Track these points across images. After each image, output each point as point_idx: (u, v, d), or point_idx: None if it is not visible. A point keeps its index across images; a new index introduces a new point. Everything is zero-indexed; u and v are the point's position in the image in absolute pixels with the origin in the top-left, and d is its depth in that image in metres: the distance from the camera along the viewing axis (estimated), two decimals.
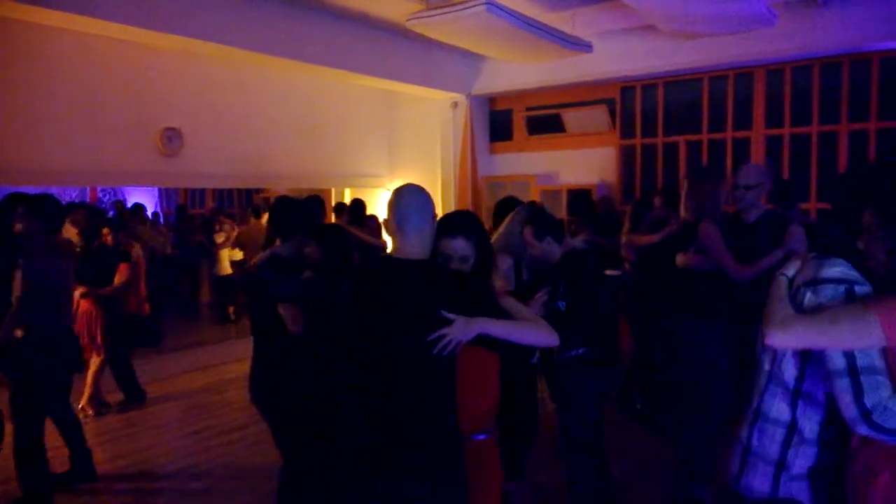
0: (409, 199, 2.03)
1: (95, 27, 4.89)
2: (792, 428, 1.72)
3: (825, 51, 6.19)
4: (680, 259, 3.52)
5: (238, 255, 8.70)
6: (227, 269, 8.64)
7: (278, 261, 3.10)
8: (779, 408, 1.74)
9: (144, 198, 10.53)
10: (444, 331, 1.86)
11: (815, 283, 1.64)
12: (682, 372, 3.54)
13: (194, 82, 6.79)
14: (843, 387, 1.52)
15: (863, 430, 1.50)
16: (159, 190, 10.92)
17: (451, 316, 1.88)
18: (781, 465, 1.72)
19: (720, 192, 3.58)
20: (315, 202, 5.19)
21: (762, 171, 3.45)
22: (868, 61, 6.21)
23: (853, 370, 1.51)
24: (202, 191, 11.22)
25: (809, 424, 1.69)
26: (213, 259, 8.68)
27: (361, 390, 1.99)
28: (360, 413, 1.99)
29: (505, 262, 3.41)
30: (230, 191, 11.08)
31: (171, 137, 6.58)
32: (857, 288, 1.60)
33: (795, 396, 1.71)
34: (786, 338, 1.58)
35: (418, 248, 2.01)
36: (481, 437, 2.23)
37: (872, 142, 6.26)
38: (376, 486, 1.92)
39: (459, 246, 2.14)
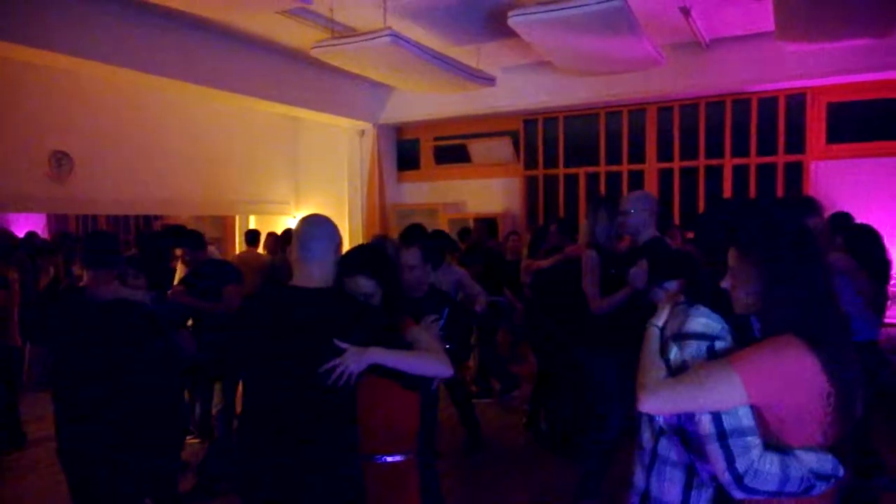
0: (312, 229, 2.06)
1: None
2: (691, 470, 1.70)
3: (709, 91, 6.65)
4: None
5: None
6: None
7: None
8: (678, 450, 1.71)
9: (33, 225, 9.85)
10: (335, 361, 1.86)
11: (680, 338, 1.63)
12: (582, 396, 3.63)
13: (87, 104, 6.47)
14: (714, 452, 1.49)
15: (738, 494, 1.49)
16: (48, 217, 10.26)
17: (343, 345, 1.87)
18: None
19: (612, 221, 3.71)
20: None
21: (642, 198, 3.52)
22: (748, 101, 6.72)
23: (722, 434, 1.48)
24: (95, 218, 10.62)
25: (705, 465, 1.65)
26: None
27: (256, 415, 1.98)
28: (255, 438, 1.98)
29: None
30: (126, 218, 10.55)
31: (61, 161, 6.22)
32: (717, 344, 1.58)
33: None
34: (656, 403, 1.55)
35: (320, 276, 2.02)
36: (397, 458, 2.22)
37: (752, 175, 6.74)
38: None
39: (360, 284, 2.12)
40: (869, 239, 3.75)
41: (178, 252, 4.36)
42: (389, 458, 2.20)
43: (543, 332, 4.97)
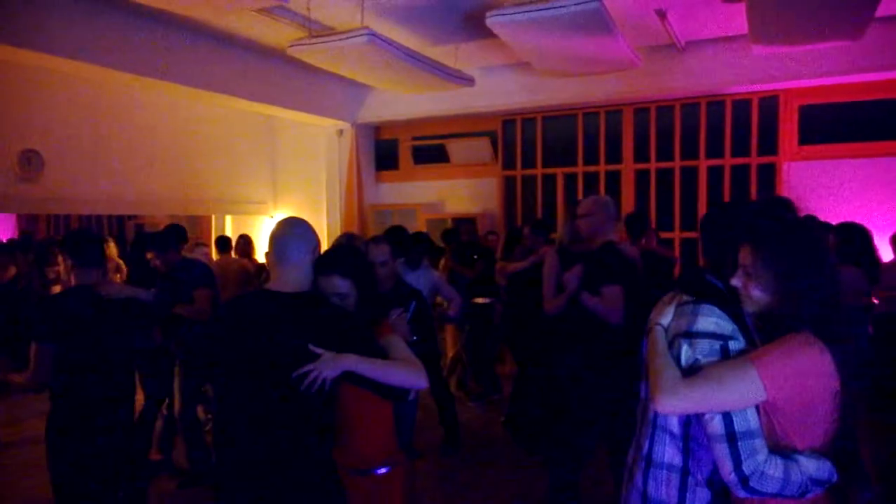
0: (288, 231, 2.04)
1: None
2: (685, 473, 1.71)
3: (685, 92, 6.72)
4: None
5: None
6: None
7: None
8: (670, 454, 1.73)
9: (2, 226, 9.66)
10: (309, 366, 1.83)
11: (691, 336, 1.63)
12: (558, 399, 3.64)
13: (58, 102, 6.35)
14: (722, 453, 1.52)
15: (742, 493, 1.53)
16: (17, 217, 10.07)
17: (318, 351, 1.85)
18: None
19: (572, 223, 3.73)
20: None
21: (597, 202, 3.52)
22: (722, 103, 6.81)
23: (731, 436, 1.51)
24: (67, 217, 10.44)
25: (700, 467, 1.69)
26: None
27: (231, 421, 1.96)
28: (230, 443, 1.95)
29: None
30: (99, 217, 10.39)
31: (31, 160, 6.10)
32: (731, 344, 1.60)
33: (685, 442, 1.71)
34: (676, 403, 1.54)
35: (296, 280, 2.00)
36: (382, 470, 2.20)
37: (727, 177, 6.83)
38: None
39: (336, 284, 2.10)
40: (864, 237, 3.86)
41: (149, 255, 4.32)
42: (375, 472, 2.19)
43: (520, 332, 5.00)
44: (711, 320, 1.63)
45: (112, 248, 6.38)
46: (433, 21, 5.67)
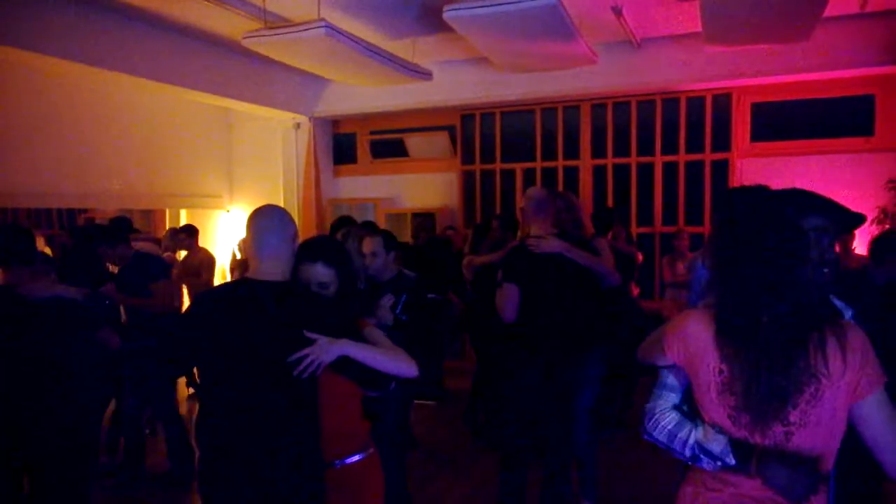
0: (266, 220, 2.02)
1: None
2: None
3: (641, 89, 6.80)
4: None
5: None
6: None
7: None
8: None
9: None
10: (305, 351, 1.84)
11: None
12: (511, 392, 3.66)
13: (3, 92, 6.08)
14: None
15: (643, 433, 1.71)
16: None
17: (313, 336, 1.86)
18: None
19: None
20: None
21: (526, 195, 3.56)
22: (677, 100, 6.91)
23: (657, 384, 1.74)
24: (15, 211, 10.04)
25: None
26: None
27: (217, 413, 1.94)
28: (217, 436, 1.94)
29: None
30: (48, 211, 10.03)
31: None
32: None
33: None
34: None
35: (276, 270, 1.99)
36: (355, 458, 2.19)
37: (682, 173, 6.94)
38: None
39: (319, 272, 2.10)
40: None
41: (100, 251, 4.18)
42: (348, 460, 2.17)
43: (482, 326, 5.00)
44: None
45: (41, 243, 6.19)
46: (391, 14, 5.61)
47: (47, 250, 6.64)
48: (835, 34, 5.73)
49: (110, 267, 4.42)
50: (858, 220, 1.71)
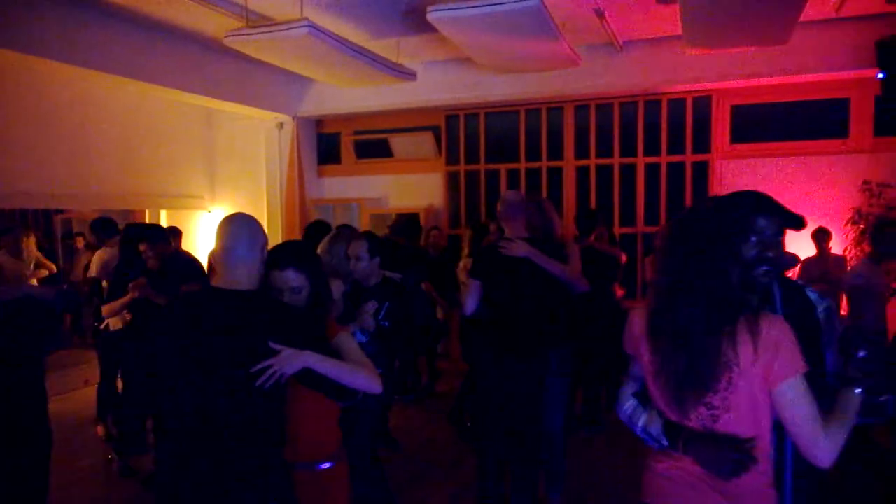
0: (234, 229, 2.00)
1: None
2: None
3: (623, 91, 6.87)
4: None
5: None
6: None
7: None
8: None
9: None
10: (269, 362, 1.84)
11: None
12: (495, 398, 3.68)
13: None
14: None
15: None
16: None
17: (277, 347, 1.85)
18: None
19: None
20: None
21: (504, 198, 3.60)
22: (658, 102, 6.98)
23: (626, 372, 1.91)
24: None
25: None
26: None
27: (180, 423, 1.91)
28: (179, 445, 1.92)
29: (338, 289, 3.39)
30: (23, 212, 9.88)
31: None
32: None
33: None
34: None
35: (244, 278, 1.96)
36: (326, 465, 2.19)
37: (663, 174, 7.02)
38: None
39: (290, 278, 2.09)
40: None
41: (142, 248, 4.21)
42: (318, 467, 2.18)
43: (473, 328, 5.00)
44: None
45: (32, 244, 6.14)
46: (374, 14, 5.61)
47: (39, 255, 6.60)
48: (812, 38, 5.82)
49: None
50: (800, 221, 1.78)
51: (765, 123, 6.73)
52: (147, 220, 8.29)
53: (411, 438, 5.09)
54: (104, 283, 4.90)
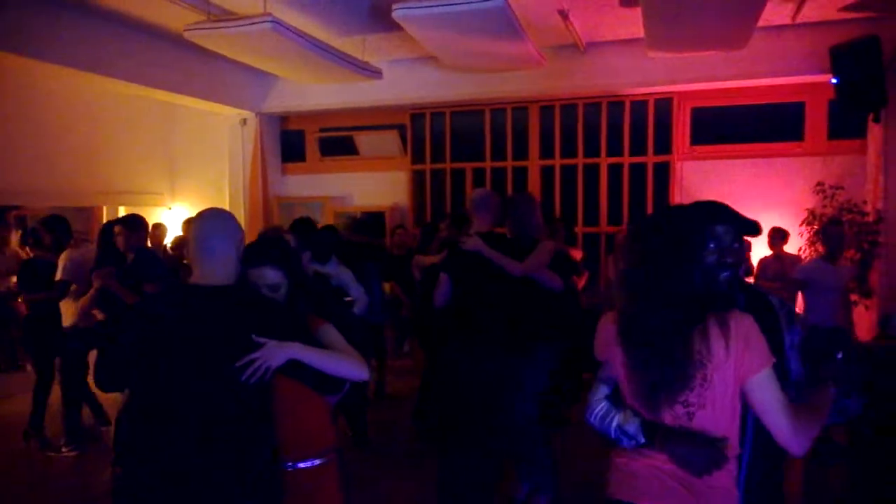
0: (210, 224, 1.98)
1: None
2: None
3: (587, 92, 6.94)
4: None
5: None
6: None
7: None
8: None
9: None
10: (254, 355, 1.80)
11: None
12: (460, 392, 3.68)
13: None
14: None
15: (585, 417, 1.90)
16: None
17: (262, 340, 1.82)
18: None
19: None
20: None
21: (472, 195, 3.72)
22: (621, 103, 7.08)
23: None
24: None
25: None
26: None
27: (150, 421, 1.87)
28: (149, 445, 1.87)
29: None
30: None
31: None
32: None
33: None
34: None
35: (222, 274, 1.94)
36: (315, 462, 2.16)
37: (626, 174, 7.11)
38: None
39: (268, 275, 2.06)
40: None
41: (117, 229, 4.19)
42: (302, 465, 2.14)
43: (431, 326, 5.00)
44: None
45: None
46: (340, 11, 5.57)
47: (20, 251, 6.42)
48: (769, 44, 5.97)
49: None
50: (755, 228, 1.83)
51: (724, 126, 6.88)
52: (104, 219, 8.10)
53: (372, 437, 5.07)
54: (73, 287, 4.64)
